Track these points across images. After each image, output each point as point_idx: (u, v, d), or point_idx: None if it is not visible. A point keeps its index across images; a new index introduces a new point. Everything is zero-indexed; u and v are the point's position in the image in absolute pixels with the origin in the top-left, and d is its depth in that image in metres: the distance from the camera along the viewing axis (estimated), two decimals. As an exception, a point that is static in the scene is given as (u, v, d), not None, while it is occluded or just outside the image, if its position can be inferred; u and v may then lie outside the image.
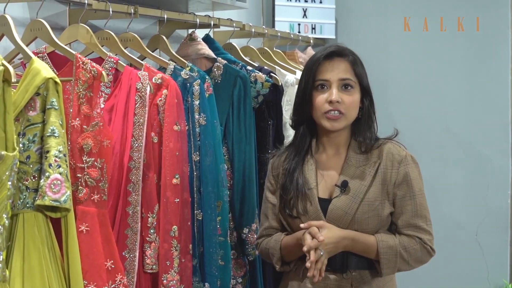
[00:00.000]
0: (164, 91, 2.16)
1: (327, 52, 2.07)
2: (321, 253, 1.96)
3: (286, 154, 2.15)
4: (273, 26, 3.87)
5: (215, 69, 2.59)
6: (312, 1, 4.00)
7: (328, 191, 2.07)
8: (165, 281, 2.11)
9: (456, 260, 4.00)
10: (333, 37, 4.11)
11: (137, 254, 2.06)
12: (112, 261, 1.90)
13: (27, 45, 1.99)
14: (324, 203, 2.05)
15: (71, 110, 1.89)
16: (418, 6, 4.08)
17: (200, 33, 2.74)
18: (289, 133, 2.94)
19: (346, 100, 2.04)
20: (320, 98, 2.05)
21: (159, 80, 2.17)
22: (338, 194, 2.04)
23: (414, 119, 4.09)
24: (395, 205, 2.06)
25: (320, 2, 4.03)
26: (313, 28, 4.01)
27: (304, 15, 3.97)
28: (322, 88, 2.05)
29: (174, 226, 2.13)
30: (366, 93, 2.10)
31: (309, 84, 2.07)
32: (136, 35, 2.39)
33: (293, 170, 2.09)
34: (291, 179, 2.08)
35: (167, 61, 2.38)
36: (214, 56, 2.64)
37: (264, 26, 3.58)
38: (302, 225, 2.01)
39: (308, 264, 1.95)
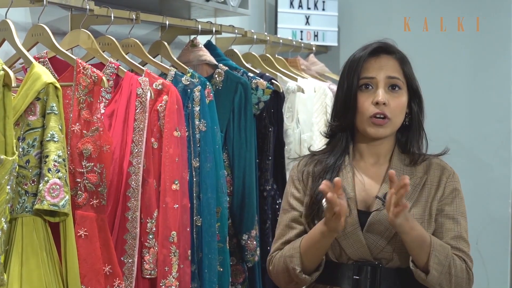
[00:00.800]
0: (165, 97, 2.16)
1: (372, 48, 1.88)
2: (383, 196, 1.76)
3: (317, 158, 1.91)
4: (276, 33, 3.88)
5: (216, 76, 2.60)
6: (314, 9, 4.01)
7: (367, 203, 1.84)
8: (163, 286, 2.11)
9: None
10: (336, 44, 4.12)
11: (135, 259, 2.06)
12: (110, 266, 1.90)
13: (28, 50, 2.00)
14: (362, 215, 1.82)
15: (71, 115, 1.89)
16: (416, 7, 4.08)
17: (202, 40, 2.75)
18: (290, 140, 2.95)
19: (393, 102, 1.82)
20: (365, 100, 1.83)
21: (160, 86, 2.18)
22: (379, 207, 1.81)
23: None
24: (436, 223, 1.84)
25: (323, 10, 4.04)
26: (316, 35, 4.02)
27: (307, 22, 3.98)
28: (366, 88, 1.84)
29: (173, 232, 2.13)
30: (415, 96, 1.89)
31: (353, 84, 1.83)
32: (137, 41, 2.39)
33: (330, 176, 1.84)
34: (328, 177, 1.84)
35: (168, 67, 2.39)
36: (215, 62, 2.64)
37: (266, 33, 3.59)
38: (323, 184, 1.68)
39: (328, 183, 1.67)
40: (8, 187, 1.62)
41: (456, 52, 4.03)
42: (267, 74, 2.91)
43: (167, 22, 2.53)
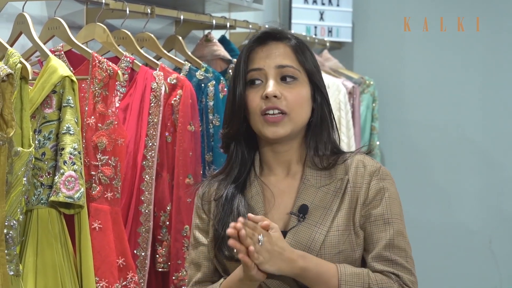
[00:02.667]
0: (179, 91, 2.17)
1: (258, 35, 1.57)
2: (260, 241, 1.38)
3: (219, 180, 1.60)
4: (290, 28, 3.87)
5: (230, 71, 2.60)
6: (329, 4, 4.00)
7: (282, 221, 1.52)
8: (176, 280, 2.13)
9: (468, 269, 3.98)
10: (350, 40, 4.11)
11: (148, 252, 2.07)
12: (124, 259, 1.92)
13: (44, 43, 2.01)
14: None
15: (86, 108, 1.91)
16: (437, 9, 4.06)
17: (216, 34, 2.76)
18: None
19: (288, 94, 1.51)
20: (253, 96, 1.53)
21: (174, 80, 2.19)
22: (295, 224, 1.50)
23: (428, 125, 4.08)
24: (365, 232, 1.52)
25: (337, 5, 4.03)
26: (330, 31, 4.01)
27: (321, 18, 3.97)
28: (255, 83, 1.54)
29: (186, 226, 2.14)
30: (316, 88, 1.56)
31: (239, 79, 1.54)
32: (152, 35, 2.40)
33: (231, 197, 1.54)
34: (229, 209, 1.54)
35: (183, 62, 2.39)
36: (229, 57, 2.65)
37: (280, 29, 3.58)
38: (239, 221, 1.38)
39: (238, 225, 1.36)
40: (25, 178, 1.64)
41: (473, 58, 4.00)
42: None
43: (182, 17, 2.54)
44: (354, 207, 1.52)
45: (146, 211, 2.07)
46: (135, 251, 2.05)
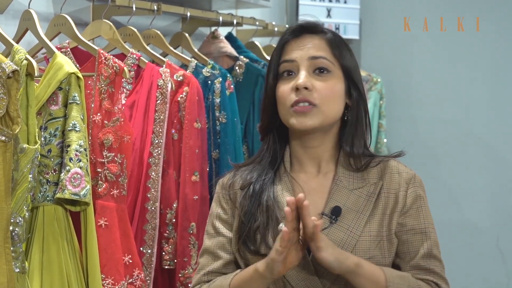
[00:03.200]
0: (185, 88, 2.17)
1: (293, 28, 1.55)
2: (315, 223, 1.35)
3: (246, 171, 1.56)
4: (297, 25, 3.86)
5: (236, 68, 2.60)
6: (336, 1, 3.98)
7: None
8: (182, 277, 2.12)
9: (475, 267, 3.96)
10: (357, 37, 4.09)
11: (155, 250, 2.07)
12: (130, 256, 1.91)
13: (50, 40, 2.01)
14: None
15: (92, 105, 1.90)
16: (448, 6, 4.04)
17: (222, 31, 2.75)
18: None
19: (320, 87, 1.48)
20: (284, 88, 1.50)
21: (181, 77, 2.18)
22: (327, 226, 1.47)
23: (436, 122, 4.06)
24: (400, 240, 1.51)
25: (345, 2, 4.01)
26: (337, 28, 3.99)
27: (328, 15, 3.96)
28: (288, 75, 1.51)
29: (192, 223, 2.14)
30: (353, 84, 1.53)
31: (271, 71, 1.53)
32: (158, 32, 2.40)
33: (260, 191, 1.51)
34: (257, 202, 1.50)
35: (189, 59, 2.39)
36: (236, 54, 2.64)
37: (287, 25, 3.58)
38: (287, 206, 1.36)
39: (302, 195, 1.36)
40: (30, 175, 1.63)
41: (481, 53, 3.97)
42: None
43: (188, 14, 2.53)
44: (389, 214, 1.50)
45: (152, 208, 2.07)
46: (141, 249, 2.05)
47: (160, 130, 2.10)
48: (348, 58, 1.54)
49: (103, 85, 1.91)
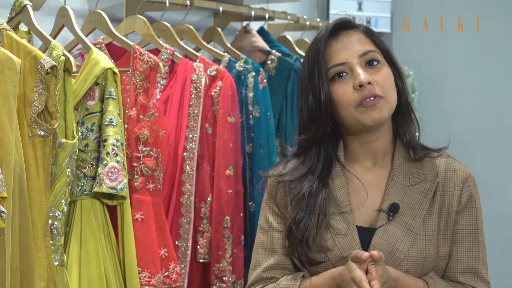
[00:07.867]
0: (219, 83, 2.17)
1: (330, 28, 1.51)
2: None
3: (296, 165, 1.54)
4: (328, 19, 3.84)
5: (269, 62, 2.59)
6: (367, -6, 3.95)
7: (368, 216, 1.49)
8: (216, 270, 2.13)
9: (508, 261, 3.91)
10: (389, 30, 4.06)
11: (189, 243, 2.08)
12: (166, 250, 1.93)
13: (86, 36, 2.02)
14: (364, 233, 1.47)
15: (128, 100, 1.92)
16: (483, 5, 3.99)
17: (254, 26, 2.75)
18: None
19: (378, 78, 1.47)
20: (343, 89, 1.47)
21: (214, 72, 2.19)
22: (384, 222, 1.47)
23: (470, 117, 4.01)
24: (450, 240, 1.51)
25: (375, -4, 3.98)
26: (368, 22, 3.96)
27: (359, 9, 3.93)
28: (340, 77, 1.48)
29: (227, 217, 2.15)
30: (395, 66, 1.53)
31: (321, 78, 1.48)
32: (191, 27, 2.41)
33: (316, 193, 1.49)
34: (313, 199, 1.49)
35: (222, 53, 2.39)
36: (268, 48, 2.64)
37: (318, 19, 3.56)
38: (364, 255, 1.37)
39: (366, 255, 1.37)
40: (69, 170, 1.66)
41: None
42: (319, 61, 2.89)
43: (221, 8, 2.53)
44: (446, 212, 1.50)
45: (187, 202, 2.08)
46: (176, 242, 2.06)
47: (194, 124, 2.11)
48: (384, 43, 1.54)
49: (138, 80, 1.93)
